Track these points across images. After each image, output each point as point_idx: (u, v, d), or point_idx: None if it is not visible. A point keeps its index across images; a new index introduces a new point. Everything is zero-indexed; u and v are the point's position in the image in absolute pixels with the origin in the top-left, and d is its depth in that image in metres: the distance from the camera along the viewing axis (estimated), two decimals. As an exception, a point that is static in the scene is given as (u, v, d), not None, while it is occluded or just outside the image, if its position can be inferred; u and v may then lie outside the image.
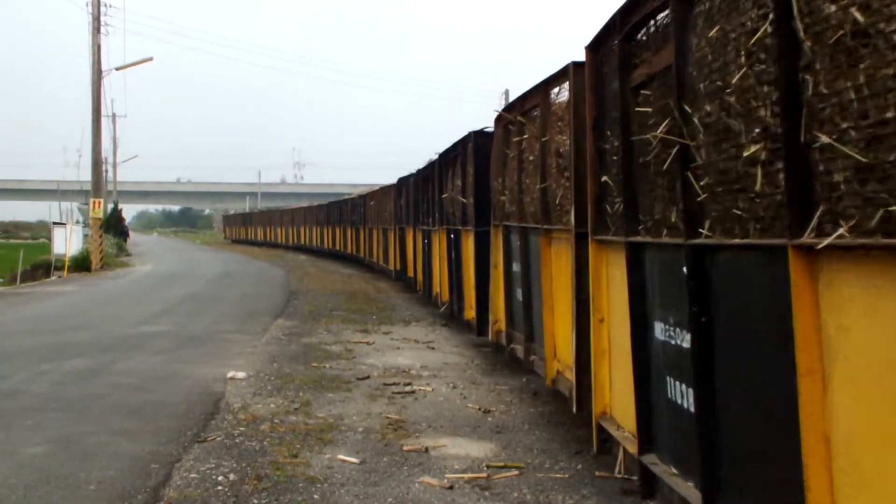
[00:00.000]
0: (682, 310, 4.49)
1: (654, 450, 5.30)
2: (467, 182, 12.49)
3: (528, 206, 8.69)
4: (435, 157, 16.37)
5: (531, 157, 8.40)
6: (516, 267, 9.49)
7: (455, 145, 13.76)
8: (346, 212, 36.49)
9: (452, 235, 13.91)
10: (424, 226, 17.98)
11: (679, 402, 4.69)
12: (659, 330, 5.02)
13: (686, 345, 4.48)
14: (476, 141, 12.04)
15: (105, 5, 33.90)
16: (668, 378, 4.88)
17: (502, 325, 10.42)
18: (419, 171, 19.15)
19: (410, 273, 20.70)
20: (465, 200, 12.64)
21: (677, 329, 4.69)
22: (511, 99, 14.24)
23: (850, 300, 3.00)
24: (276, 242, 58.49)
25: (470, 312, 12.84)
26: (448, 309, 14.80)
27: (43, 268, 31.48)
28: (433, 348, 12.18)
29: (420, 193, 18.55)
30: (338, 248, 38.15)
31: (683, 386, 4.60)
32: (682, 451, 4.76)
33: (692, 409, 4.43)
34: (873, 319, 2.86)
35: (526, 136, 8.72)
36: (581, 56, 6.59)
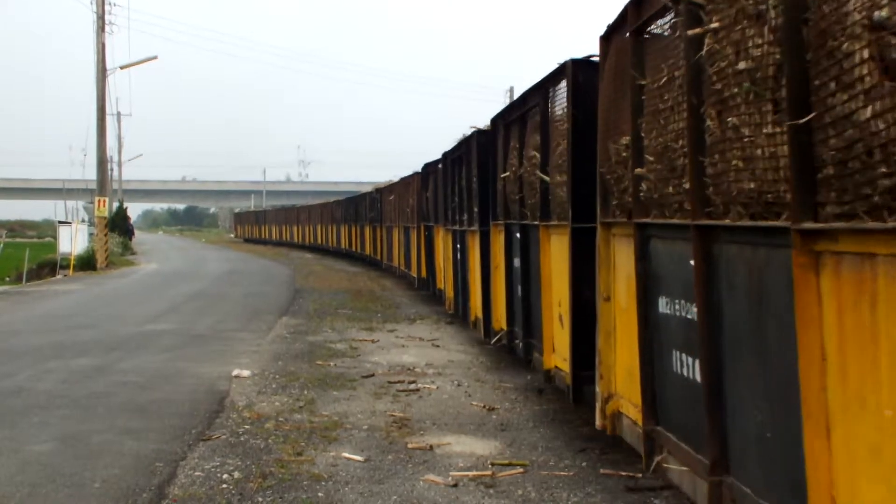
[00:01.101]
0: None
1: None
2: (553, 149, 7.81)
3: (726, 181, 4.05)
4: (470, 132, 12.45)
5: (738, 67, 3.83)
6: (671, 306, 4.98)
7: (525, 97, 9.04)
8: (362, 208, 32.40)
9: (518, 235, 9.30)
10: (456, 225, 13.94)
11: None
12: None
13: None
14: (576, 77, 7.09)
15: (110, 3, 33.99)
16: None
17: (632, 410, 5.73)
18: (449, 153, 14.68)
19: (440, 284, 16.67)
20: (547, 179, 7.94)
21: None
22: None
23: None
24: (292, 242, 54.04)
25: (551, 359, 8.12)
26: (504, 341, 10.31)
27: (48, 266, 31.54)
28: (438, 346, 12.18)
29: (450, 183, 14.37)
30: (354, 248, 34.81)
31: None
32: None
33: None
34: None
35: (715, 25, 4.09)
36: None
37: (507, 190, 9.88)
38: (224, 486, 5.82)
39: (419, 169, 19.80)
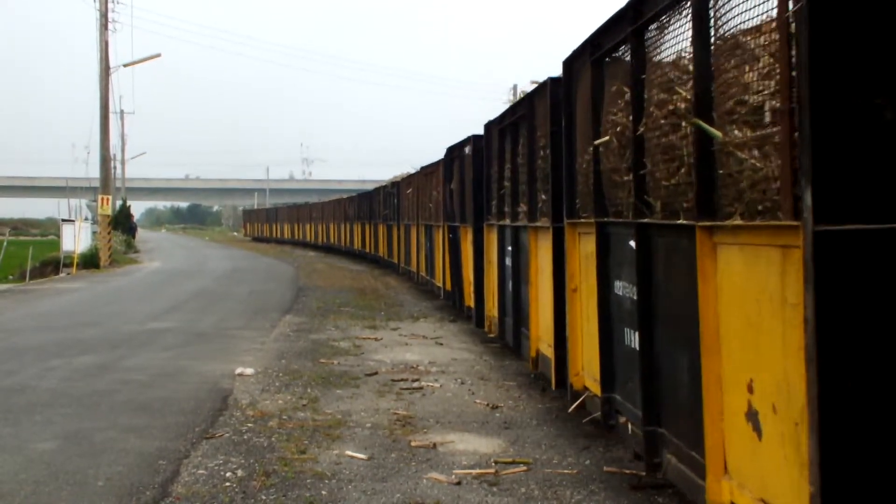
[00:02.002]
0: None
1: None
2: (719, 74, 4.21)
3: None
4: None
5: None
6: None
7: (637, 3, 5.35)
8: (376, 204, 29.11)
9: (631, 243, 5.48)
10: (506, 219, 10.25)
11: None
12: None
13: None
14: None
15: (113, 1, 33.94)
16: None
17: None
18: (496, 123, 10.92)
19: (469, 300, 13.34)
20: (718, 135, 4.17)
21: None
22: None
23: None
24: (305, 241, 50.00)
25: (722, 488, 4.22)
26: (596, 413, 6.46)
27: (52, 264, 31.58)
28: (441, 344, 12.17)
29: (498, 162, 10.62)
30: (368, 249, 31.62)
31: None
32: None
33: None
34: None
35: None
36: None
37: (605, 166, 5.98)
38: (227, 484, 5.82)
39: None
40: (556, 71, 7.51)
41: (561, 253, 7.46)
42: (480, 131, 12.06)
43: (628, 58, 5.57)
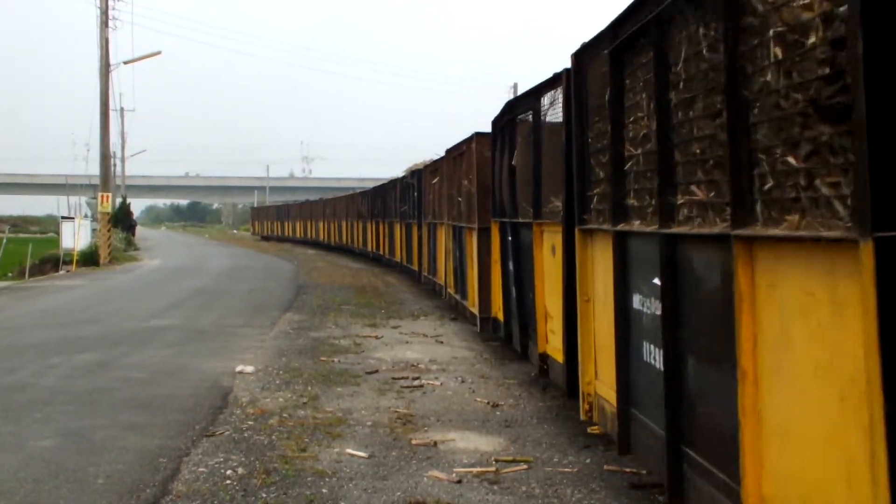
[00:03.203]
0: None
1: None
2: None
3: None
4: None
5: None
6: None
7: None
8: (392, 200, 24.76)
9: None
10: (631, 222, 5.28)
11: None
12: None
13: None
14: None
15: (113, -1, 33.89)
16: None
17: None
18: (602, 39, 5.87)
19: (545, 344, 8.49)
20: None
21: None
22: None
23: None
24: (317, 241, 46.21)
25: None
26: None
27: (51, 262, 31.59)
28: (442, 342, 12.16)
29: (594, 120, 6.23)
30: (382, 251, 27.95)
31: None
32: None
33: None
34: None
35: None
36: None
37: None
38: (228, 482, 5.81)
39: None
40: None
41: None
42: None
43: None
